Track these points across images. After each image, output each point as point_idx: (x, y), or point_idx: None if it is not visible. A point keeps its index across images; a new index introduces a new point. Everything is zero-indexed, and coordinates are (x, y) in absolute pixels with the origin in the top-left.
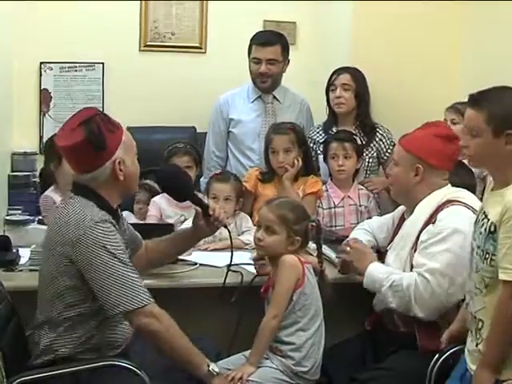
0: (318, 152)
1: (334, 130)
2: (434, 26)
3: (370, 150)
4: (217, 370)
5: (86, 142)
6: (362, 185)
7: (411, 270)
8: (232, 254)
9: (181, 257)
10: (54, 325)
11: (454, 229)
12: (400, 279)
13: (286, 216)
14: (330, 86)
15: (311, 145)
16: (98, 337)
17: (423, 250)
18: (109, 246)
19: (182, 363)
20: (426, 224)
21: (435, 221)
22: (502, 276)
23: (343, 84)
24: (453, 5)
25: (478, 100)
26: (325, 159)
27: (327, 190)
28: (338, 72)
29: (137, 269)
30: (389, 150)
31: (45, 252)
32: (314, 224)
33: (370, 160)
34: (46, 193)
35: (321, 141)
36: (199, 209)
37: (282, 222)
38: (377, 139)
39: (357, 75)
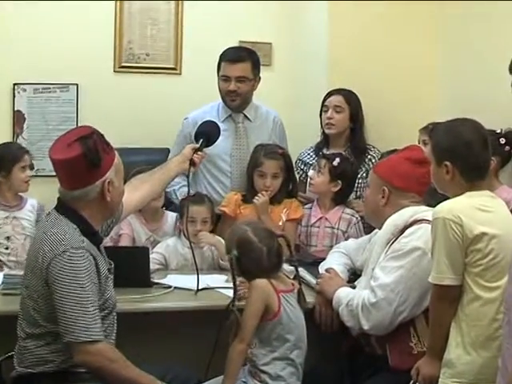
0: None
1: (325, 151)
2: (413, 47)
3: (359, 170)
4: None
5: (82, 157)
6: (351, 207)
7: None
8: (198, 276)
9: (155, 280)
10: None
11: (413, 247)
12: (353, 298)
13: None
14: (322, 107)
15: (302, 166)
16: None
17: (383, 263)
18: (77, 274)
19: None
20: (391, 243)
21: (400, 238)
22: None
23: (335, 106)
24: (430, 23)
25: (431, 130)
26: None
27: (311, 208)
28: (331, 93)
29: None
30: None
31: (29, 269)
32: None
33: (360, 181)
34: None
35: (311, 162)
36: (197, 145)
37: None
38: (366, 160)
39: (351, 97)
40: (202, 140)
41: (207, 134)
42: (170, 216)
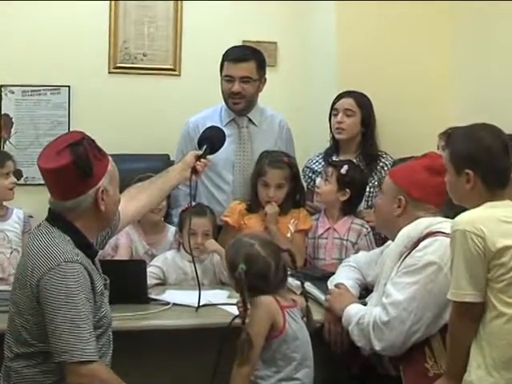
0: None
1: (335, 158)
2: (425, 47)
3: (371, 179)
4: None
5: (73, 166)
6: (361, 217)
7: None
8: (200, 291)
9: (153, 296)
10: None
11: (427, 261)
12: (364, 316)
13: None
14: (332, 111)
15: (310, 174)
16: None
17: (395, 279)
18: (70, 290)
19: None
20: (404, 257)
21: (414, 251)
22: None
23: (346, 109)
24: (444, 21)
25: (448, 137)
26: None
27: (318, 219)
28: (341, 95)
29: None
30: None
31: (18, 284)
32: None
33: (371, 189)
34: None
35: (319, 170)
36: (200, 152)
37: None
38: (378, 167)
39: (362, 100)
40: (205, 146)
41: (211, 140)
42: (171, 231)
